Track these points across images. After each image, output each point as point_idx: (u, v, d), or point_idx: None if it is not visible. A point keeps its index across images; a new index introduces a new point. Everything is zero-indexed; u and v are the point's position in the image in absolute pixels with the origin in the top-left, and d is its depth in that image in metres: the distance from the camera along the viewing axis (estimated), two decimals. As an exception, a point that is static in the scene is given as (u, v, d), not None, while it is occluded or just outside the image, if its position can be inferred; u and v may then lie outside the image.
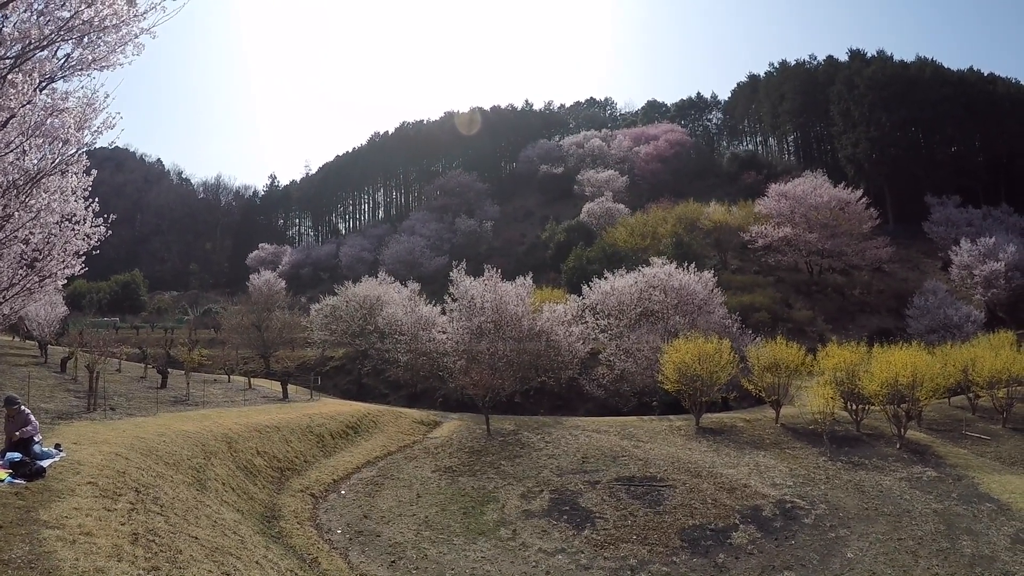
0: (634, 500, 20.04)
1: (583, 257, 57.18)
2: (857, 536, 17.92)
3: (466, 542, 17.01)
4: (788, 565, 16.36)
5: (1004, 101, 78.33)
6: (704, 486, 21.20)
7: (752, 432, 27.91)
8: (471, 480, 21.60)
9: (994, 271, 52.79)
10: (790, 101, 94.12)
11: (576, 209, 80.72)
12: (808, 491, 21.18)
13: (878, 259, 59.70)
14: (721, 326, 37.79)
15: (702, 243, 61.62)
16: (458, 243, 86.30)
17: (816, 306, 53.58)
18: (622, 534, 17.87)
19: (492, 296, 36.20)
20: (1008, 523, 18.19)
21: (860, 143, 76.76)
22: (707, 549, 17.15)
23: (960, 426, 28.87)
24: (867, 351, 30.29)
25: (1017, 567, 15.69)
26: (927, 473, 22.72)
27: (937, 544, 17.23)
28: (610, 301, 40.13)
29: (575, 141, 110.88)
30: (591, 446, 24.87)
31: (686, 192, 79.99)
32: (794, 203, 60.13)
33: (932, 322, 46.64)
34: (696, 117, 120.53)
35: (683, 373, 29.18)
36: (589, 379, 36.94)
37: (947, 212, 68.90)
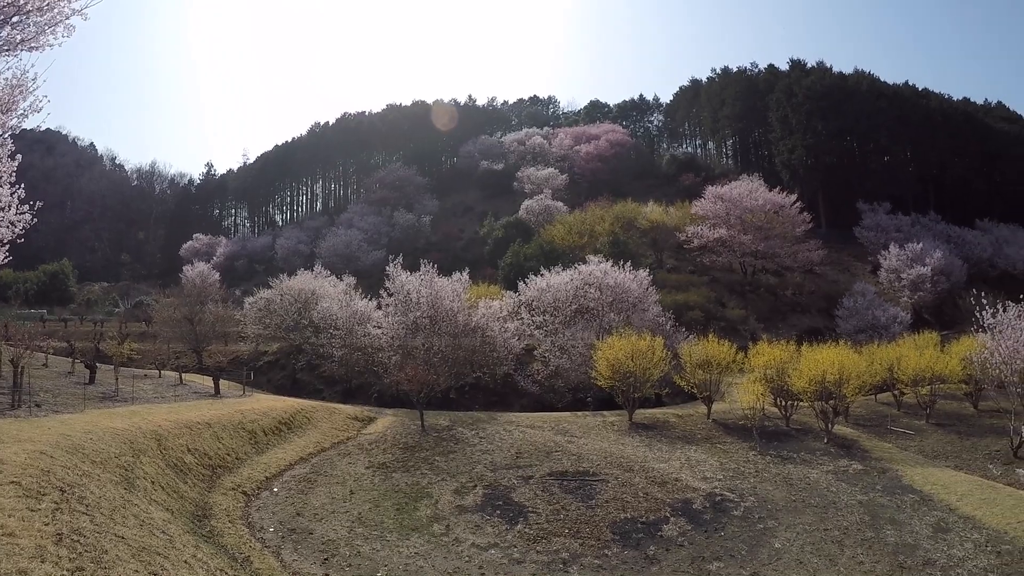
0: (567, 495, 20.15)
1: (520, 254, 57.08)
2: (785, 527, 18.22)
3: (399, 538, 16.87)
4: (717, 556, 16.57)
5: (936, 115, 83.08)
6: (636, 480, 21.37)
7: (684, 427, 28.28)
8: (405, 476, 21.41)
9: (921, 275, 55.63)
10: (730, 106, 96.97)
11: (515, 206, 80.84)
12: (738, 484, 21.53)
13: (810, 261, 61.66)
14: (655, 324, 38.16)
15: (639, 242, 62.33)
16: (396, 237, 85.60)
17: (749, 305, 54.85)
18: (554, 528, 17.95)
19: (428, 291, 35.72)
20: (930, 513, 18.71)
21: (796, 149, 79.49)
22: (638, 542, 17.29)
23: (886, 421, 29.81)
24: (796, 349, 31.00)
25: (938, 555, 16.08)
26: (853, 466, 23.30)
27: (862, 534, 17.60)
28: (546, 298, 40.09)
29: (517, 138, 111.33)
30: (525, 442, 24.87)
31: (625, 192, 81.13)
32: (730, 205, 61.52)
33: (860, 322, 48.46)
34: (638, 118, 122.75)
35: (616, 370, 29.32)
36: (524, 375, 36.88)
37: (877, 218, 72.23)
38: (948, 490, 20.25)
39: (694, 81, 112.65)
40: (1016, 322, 26.58)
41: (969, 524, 17.60)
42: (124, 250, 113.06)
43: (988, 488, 20.09)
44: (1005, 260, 69.88)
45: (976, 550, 16.05)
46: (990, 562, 15.38)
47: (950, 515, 18.41)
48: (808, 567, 15.93)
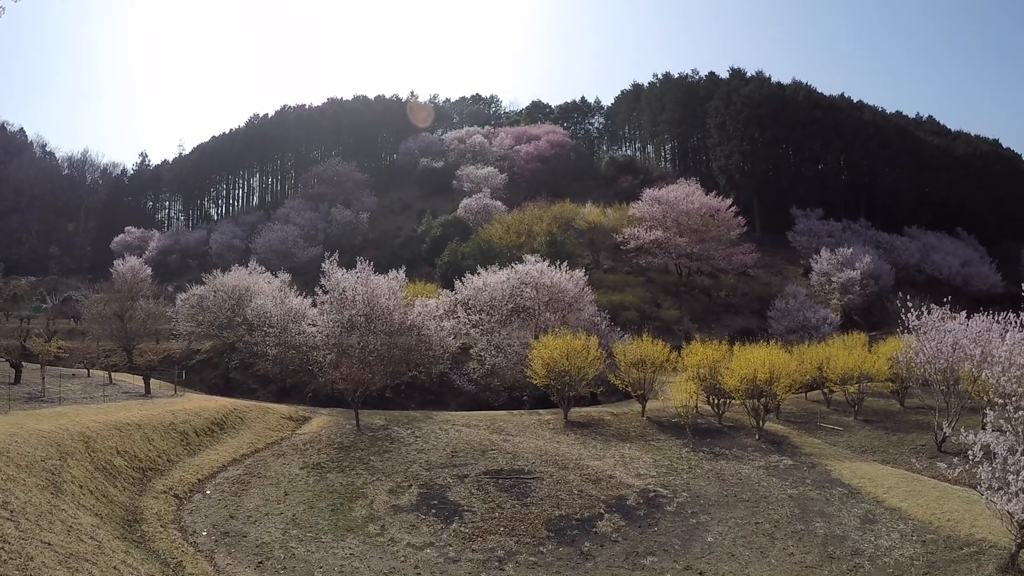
0: (502, 493, 20.20)
1: (458, 252, 56.77)
2: (717, 521, 18.51)
3: (334, 539, 16.74)
4: (651, 551, 16.82)
5: (869, 127, 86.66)
6: (571, 478, 21.51)
7: (619, 425, 28.46)
8: (340, 476, 21.15)
9: (850, 279, 57.65)
10: (670, 111, 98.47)
11: (454, 204, 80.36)
12: (671, 480, 21.74)
13: (744, 264, 62.99)
14: (591, 323, 38.43)
15: (576, 243, 62.60)
16: (333, 234, 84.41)
17: (684, 306, 55.66)
18: (490, 526, 17.99)
19: (364, 289, 35.08)
20: (858, 505, 19.14)
21: (733, 155, 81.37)
22: (573, 538, 17.46)
23: (816, 418, 30.63)
24: (729, 349, 31.53)
25: (866, 545, 16.47)
26: (784, 461, 23.72)
27: (792, 526, 17.92)
28: (482, 297, 39.87)
29: (457, 136, 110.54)
30: (461, 440, 24.79)
31: (564, 192, 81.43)
32: (667, 208, 62.30)
33: (792, 323, 49.75)
34: (579, 120, 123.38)
35: (552, 369, 29.28)
36: (460, 374, 36.61)
37: (810, 223, 74.58)
38: (875, 483, 20.74)
39: (635, 85, 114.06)
40: (940, 324, 27.91)
41: (896, 515, 18.05)
42: (53, 243, 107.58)
43: (913, 481, 20.63)
44: (931, 266, 73.05)
45: (902, 540, 16.47)
46: (916, 551, 15.77)
47: (877, 507, 18.86)
48: (740, 560, 16.17)
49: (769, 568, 15.71)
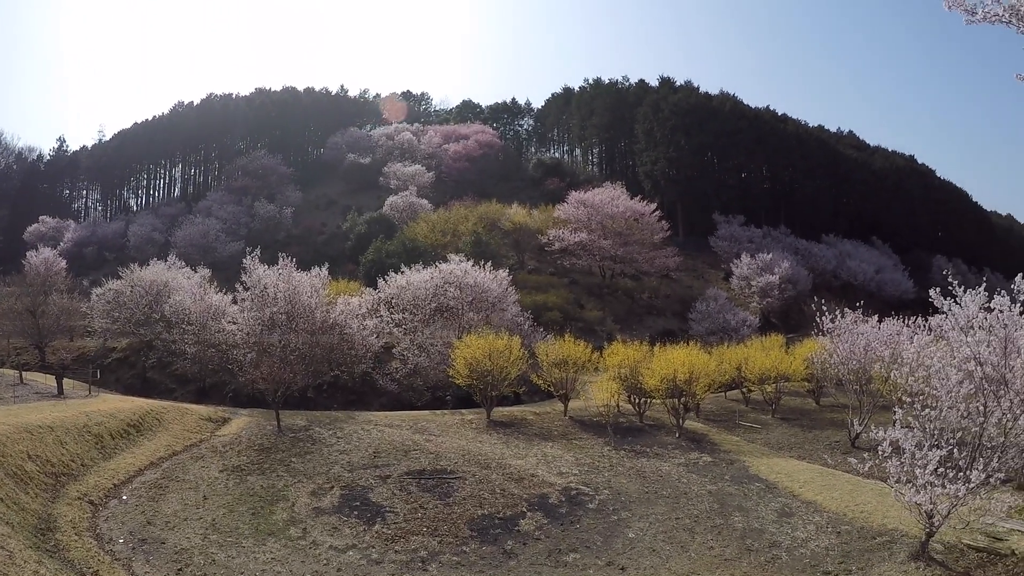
0: (424, 493, 20.11)
1: (382, 250, 55.92)
2: (638, 517, 18.71)
3: (255, 544, 16.36)
4: (574, 548, 16.96)
5: (791, 139, 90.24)
6: (493, 477, 21.53)
7: (541, 424, 28.54)
8: (260, 479, 20.58)
9: (769, 283, 59.53)
10: (599, 116, 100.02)
11: (380, 201, 79.27)
12: (593, 478, 21.92)
13: (666, 267, 64.17)
14: (514, 323, 38.47)
15: (501, 243, 62.62)
16: (256, 228, 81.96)
17: (607, 307, 56.31)
18: (413, 527, 17.90)
19: (286, 286, 34.07)
20: (775, 500, 19.61)
21: (659, 161, 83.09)
22: (496, 537, 17.50)
23: (734, 417, 31.36)
24: (650, 350, 31.92)
25: (783, 537, 16.87)
26: (703, 458, 24.16)
27: (712, 521, 18.23)
28: (406, 296, 39.36)
29: (386, 132, 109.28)
30: (383, 440, 24.48)
31: (491, 193, 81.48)
32: (592, 211, 62.96)
33: (712, 325, 50.92)
34: (508, 121, 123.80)
35: (474, 368, 29.11)
36: (383, 374, 35.99)
37: (732, 229, 76.81)
38: (791, 478, 21.28)
39: (566, 89, 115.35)
40: (853, 327, 29.10)
41: (811, 508, 18.53)
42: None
43: (828, 475, 21.25)
44: (847, 272, 76.54)
45: (818, 531, 16.92)
46: (831, 542, 16.20)
47: (793, 501, 19.34)
48: (661, 554, 16.34)
49: (689, 561, 15.89)
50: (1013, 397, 14.75)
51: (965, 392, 15.12)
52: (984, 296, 15.76)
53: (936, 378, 15.73)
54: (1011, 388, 14.95)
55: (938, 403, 15.01)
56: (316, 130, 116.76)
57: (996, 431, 14.39)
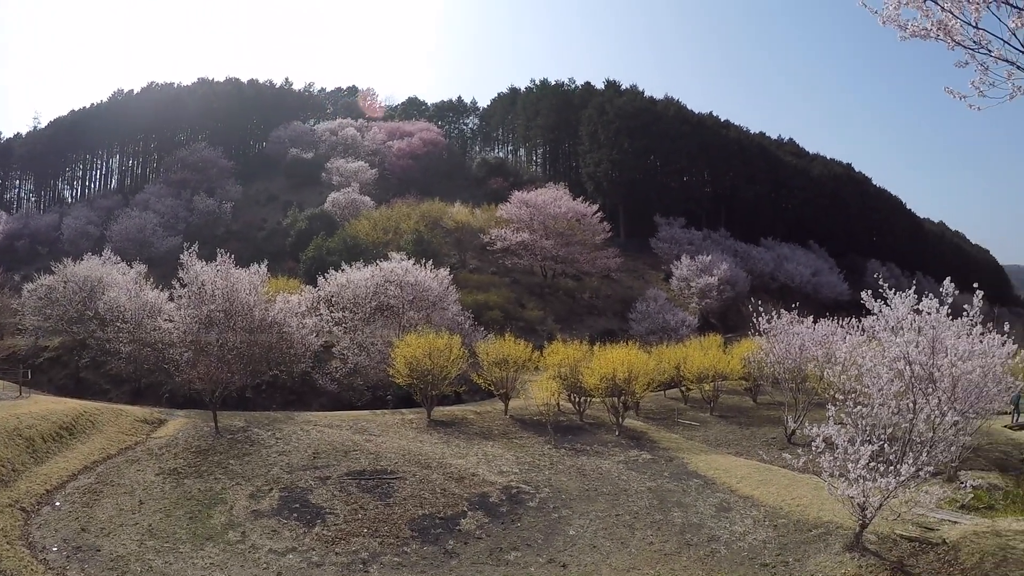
0: (365, 493, 19.87)
1: (323, 247, 55.12)
2: (579, 515, 18.84)
3: (193, 549, 16.00)
4: (515, 546, 17.03)
5: (733, 144, 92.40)
6: (434, 476, 21.39)
7: (482, 424, 28.45)
8: (198, 482, 20.00)
9: (708, 284, 60.80)
10: (545, 117, 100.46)
11: (322, 197, 78.04)
12: (533, 477, 21.94)
13: (608, 268, 64.84)
14: (455, 322, 38.33)
15: (443, 242, 62.44)
16: (195, 223, 79.83)
17: (548, 307, 56.64)
18: (353, 528, 17.72)
19: (224, 283, 33.14)
20: (713, 495, 19.94)
21: (602, 163, 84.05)
22: (437, 537, 17.47)
23: (673, 415, 31.86)
24: (590, 349, 32.15)
25: (721, 531, 17.20)
26: (643, 456, 24.41)
27: (651, 517, 18.45)
28: (346, 294, 38.83)
29: (330, 127, 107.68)
30: (323, 441, 24.01)
31: (434, 191, 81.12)
32: (534, 211, 63.23)
33: (652, 325, 51.65)
34: (454, 120, 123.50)
35: (414, 368, 28.82)
36: (323, 373, 35.35)
37: (673, 231, 78.25)
38: (729, 474, 21.65)
39: (512, 89, 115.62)
40: (789, 328, 29.92)
41: (749, 503, 18.88)
42: None
43: (765, 470, 21.70)
44: (785, 274, 79.06)
45: (755, 525, 17.27)
46: (768, 535, 16.58)
47: (731, 496, 19.66)
48: (601, 550, 16.50)
49: (630, 557, 16.07)
50: (941, 395, 15.41)
51: (895, 390, 15.72)
52: (913, 298, 16.44)
53: (868, 377, 16.32)
54: (939, 386, 15.62)
55: (870, 400, 15.54)
56: (259, 123, 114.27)
57: (925, 427, 14.95)
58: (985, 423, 24.00)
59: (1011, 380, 21.68)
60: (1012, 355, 19.27)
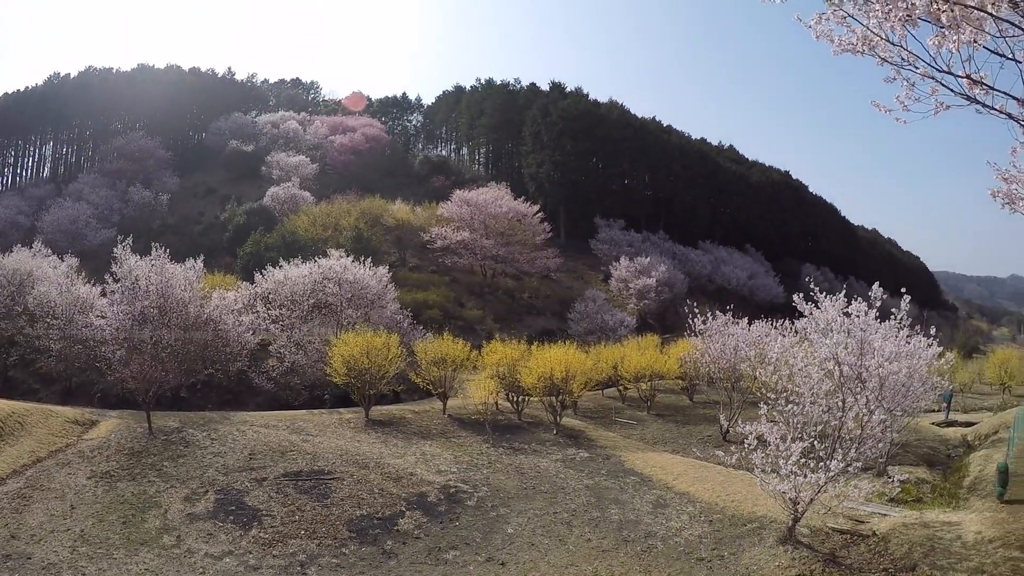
0: (302, 495, 19.49)
1: (261, 243, 53.88)
2: (517, 513, 18.87)
3: (127, 555, 15.46)
4: (453, 545, 16.99)
5: (675, 149, 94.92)
6: (371, 477, 21.13)
7: (420, 423, 28.23)
8: (131, 485, 19.27)
9: (647, 285, 61.75)
10: (489, 116, 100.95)
11: (262, 192, 76.34)
12: (471, 476, 21.89)
13: (547, 268, 65.48)
14: (393, 321, 37.87)
15: (383, 239, 61.90)
16: (130, 216, 77.19)
17: (487, 306, 56.69)
18: (290, 530, 17.38)
19: (158, 278, 31.99)
20: (649, 492, 20.24)
21: (545, 164, 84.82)
22: (375, 537, 17.30)
23: (611, 414, 32.18)
24: (528, 348, 32.26)
25: (658, 527, 17.49)
26: (580, 454, 24.61)
27: (589, 514, 18.60)
28: (283, 291, 37.96)
29: (271, 120, 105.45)
30: (259, 442, 23.43)
31: (375, 188, 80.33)
32: (475, 210, 63.32)
33: (591, 325, 52.15)
34: (397, 116, 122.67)
35: (352, 367, 28.39)
36: (259, 372, 34.47)
37: (612, 233, 79.33)
38: (666, 471, 22.02)
39: (458, 87, 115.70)
40: (724, 328, 30.83)
41: (685, 499, 19.25)
42: None
43: (700, 468, 22.16)
44: (721, 277, 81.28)
45: (691, 521, 17.63)
46: (704, 530, 16.94)
47: (668, 492, 20.00)
48: (539, 548, 16.57)
49: (568, 554, 16.17)
50: (869, 394, 15.98)
51: (826, 389, 16.24)
52: (843, 302, 17.06)
53: (799, 376, 16.82)
54: (867, 386, 16.20)
55: (801, 399, 16.03)
56: (199, 113, 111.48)
57: (854, 424, 15.52)
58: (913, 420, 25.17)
59: (937, 380, 22.90)
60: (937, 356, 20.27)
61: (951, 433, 30.36)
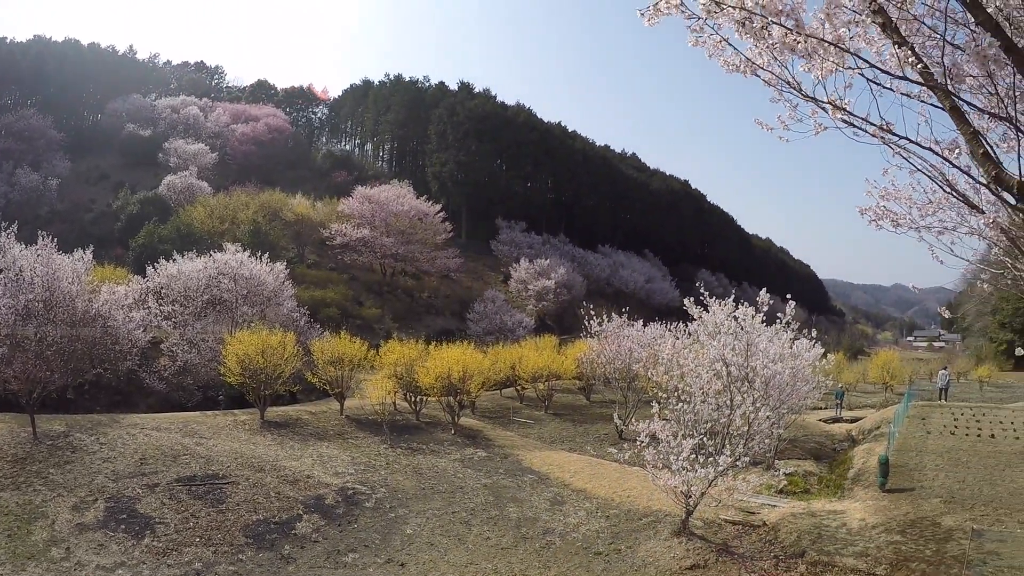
0: (196, 500, 18.65)
1: (155, 234, 51.30)
2: (416, 514, 18.76)
3: (13, 570, 14.45)
4: (352, 548, 16.74)
5: (579, 154, 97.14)
6: (267, 480, 20.50)
7: (317, 424, 27.63)
8: (15, 495, 17.90)
9: (546, 287, 62.88)
10: (395, 112, 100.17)
11: (157, 180, 72.11)
12: (369, 477, 21.60)
13: (447, 268, 65.47)
14: (290, 319, 36.99)
15: (281, 234, 59.88)
16: (15, 200, 70.56)
17: (386, 305, 56.22)
18: (185, 538, 16.62)
19: (44, 270, 29.79)
20: (547, 490, 20.58)
21: (449, 163, 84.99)
22: (272, 542, 16.79)
23: (509, 413, 32.46)
24: (426, 348, 32.18)
25: (556, 524, 17.82)
26: (478, 454, 24.76)
27: (487, 513, 18.73)
28: (176, 286, 36.24)
29: (172, 104, 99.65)
30: (151, 446, 22.27)
31: (276, 181, 77.84)
32: (377, 207, 62.55)
33: (489, 325, 52.66)
34: (303, 108, 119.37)
35: (247, 366, 27.47)
36: (150, 371, 32.71)
37: (513, 235, 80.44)
38: (563, 469, 22.46)
39: (365, 81, 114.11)
40: (618, 330, 31.83)
41: (582, 496, 19.67)
42: None
43: (597, 465, 22.73)
44: (620, 280, 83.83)
45: (588, 516, 18.05)
46: (600, 525, 17.39)
47: (565, 490, 20.39)
48: (439, 548, 16.54)
49: (467, 553, 16.23)
50: (755, 393, 16.87)
51: (715, 389, 17.02)
52: (732, 306, 17.95)
53: (690, 376, 17.57)
54: (754, 385, 17.10)
55: (692, 398, 16.74)
56: (96, 92, 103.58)
57: (742, 422, 16.29)
58: (800, 417, 26.67)
59: (822, 379, 24.49)
60: (820, 357, 21.69)
61: (837, 429, 32.52)
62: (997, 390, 46.14)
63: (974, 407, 32.84)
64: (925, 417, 29.54)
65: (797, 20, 5.42)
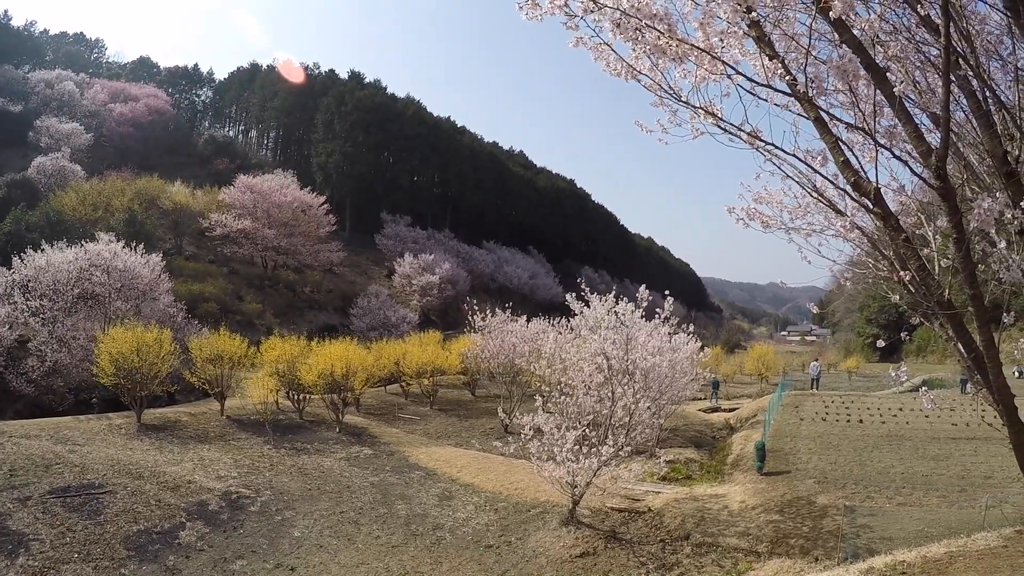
0: (72, 513, 17.37)
1: (22, 221, 47.27)
2: (303, 516, 18.38)
3: None
4: (239, 554, 16.22)
5: (466, 150, 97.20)
6: (147, 487, 19.39)
7: (197, 426, 26.40)
8: None
9: (430, 282, 62.91)
10: (282, 99, 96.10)
11: (27, 161, 65.73)
12: (253, 480, 20.88)
13: (331, 262, 64.22)
14: (166, 315, 35.38)
15: (159, 224, 56.58)
16: None
17: (267, 300, 54.54)
18: (62, 555, 15.44)
19: None
20: (435, 485, 20.64)
21: (334, 154, 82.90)
22: (156, 554, 15.96)
23: (394, 410, 32.18)
24: (308, 344, 31.52)
25: (445, 519, 17.93)
26: (364, 451, 24.47)
27: (376, 511, 18.59)
28: (45, 278, 33.72)
29: (46, 79, 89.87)
30: (20, 455, 20.43)
31: (155, 166, 73.31)
32: (259, 197, 60.32)
33: (373, 321, 52.16)
34: (187, 89, 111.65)
35: (121, 366, 25.85)
36: (17, 373, 30.21)
37: (398, 229, 79.73)
38: (450, 464, 22.57)
39: (253, 65, 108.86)
40: (502, 325, 32.31)
41: (470, 490, 19.85)
42: None
43: (484, 459, 22.96)
44: (504, 276, 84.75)
45: (477, 510, 18.25)
46: (490, 518, 17.64)
47: (453, 485, 20.50)
48: (328, 549, 16.31)
49: (357, 553, 16.07)
50: (636, 385, 17.56)
51: (597, 381, 17.61)
52: (612, 301, 18.58)
53: (572, 370, 18.09)
54: (634, 378, 17.78)
55: (574, 391, 17.26)
56: None
57: (623, 413, 16.98)
58: (680, 408, 27.84)
59: (700, 372, 25.74)
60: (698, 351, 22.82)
61: (716, 418, 34.33)
62: (864, 380, 49.89)
63: (843, 395, 35.73)
64: (798, 405, 31.72)
65: (669, 25, 5.68)
